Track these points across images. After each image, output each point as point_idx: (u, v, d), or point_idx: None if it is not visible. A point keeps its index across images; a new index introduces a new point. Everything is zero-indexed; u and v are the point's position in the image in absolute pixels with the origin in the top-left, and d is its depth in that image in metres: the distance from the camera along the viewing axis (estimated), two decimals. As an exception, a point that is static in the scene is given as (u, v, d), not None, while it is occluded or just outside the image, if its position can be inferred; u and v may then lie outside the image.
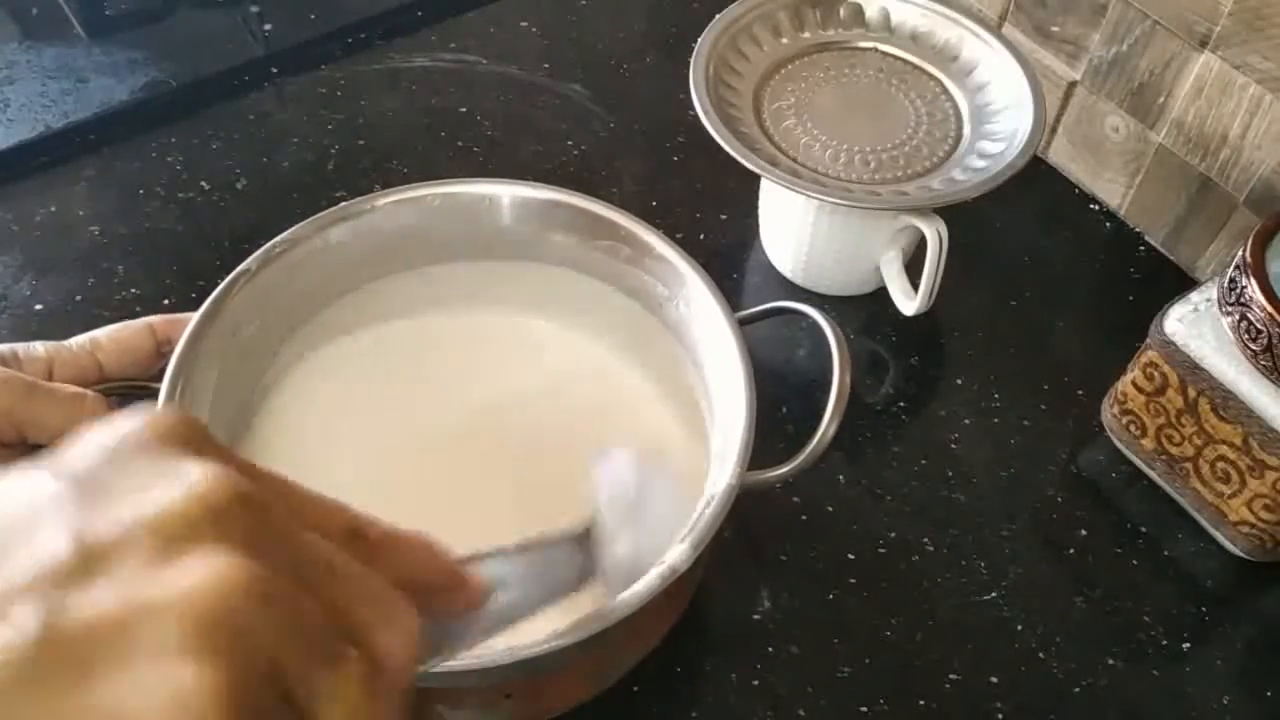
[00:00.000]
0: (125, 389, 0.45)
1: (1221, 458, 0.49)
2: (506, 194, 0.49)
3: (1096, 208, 0.66)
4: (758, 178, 0.55)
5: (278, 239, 0.48)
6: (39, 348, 0.43)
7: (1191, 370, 0.49)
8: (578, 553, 0.38)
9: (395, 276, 0.51)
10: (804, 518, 0.52)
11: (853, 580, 0.50)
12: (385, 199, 0.49)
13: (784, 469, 0.43)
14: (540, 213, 0.49)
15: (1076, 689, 0.48)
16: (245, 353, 0.47)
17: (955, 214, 0.53)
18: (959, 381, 0.58)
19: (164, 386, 0.43)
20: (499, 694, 0.40)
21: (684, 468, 0.49)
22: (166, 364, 0.43)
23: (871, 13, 0.60)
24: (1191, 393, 0.49)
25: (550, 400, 0.50)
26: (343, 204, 0.49)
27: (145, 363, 0.44)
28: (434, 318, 0.53)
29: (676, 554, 0.39)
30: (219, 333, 0.45)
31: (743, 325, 0.45)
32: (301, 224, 0.48)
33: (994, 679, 0.48)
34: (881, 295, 0.59)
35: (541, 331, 0.53)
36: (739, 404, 0.43)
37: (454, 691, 0.39)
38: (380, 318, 0.53)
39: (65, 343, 0.43)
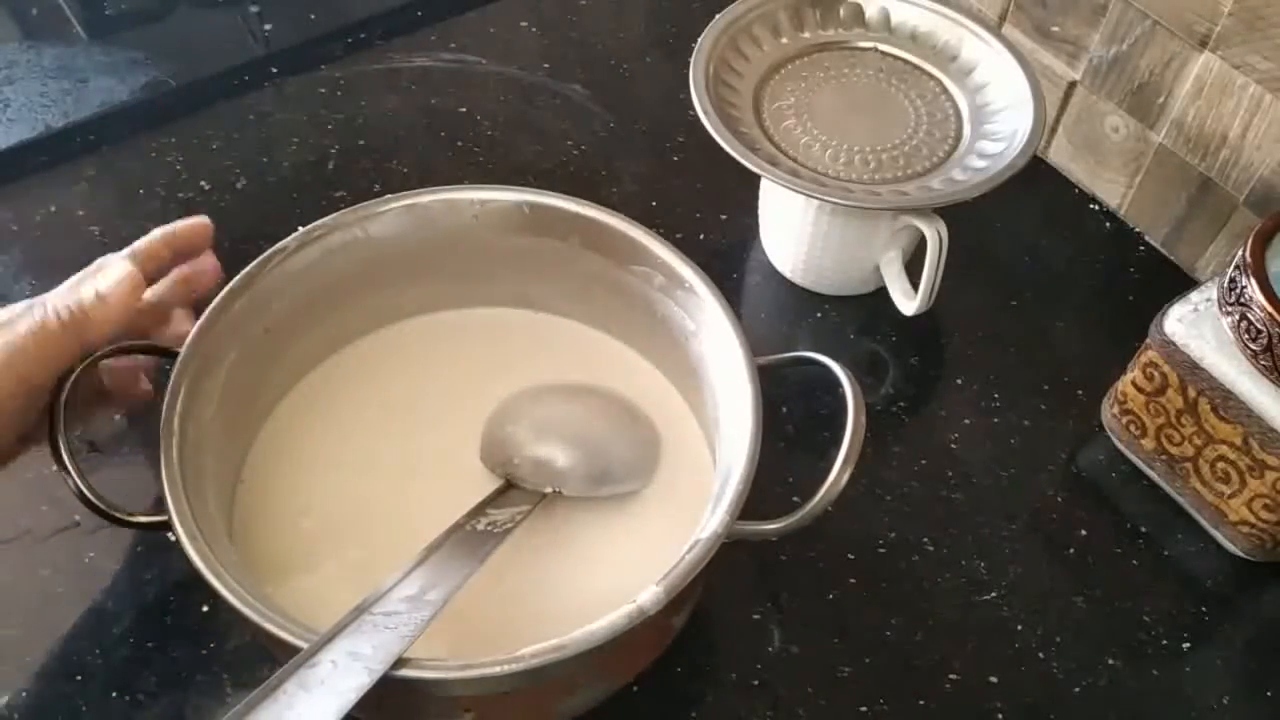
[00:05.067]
0: (146, 348, 0.46)
1: (1221, 458, 0.49)
2: (543, 204, 0.49)
3: (1096, 208, 0.66)
4: (758, 178, 0.55)
5: (317, 223, 0.48)
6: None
7: (1191, 370, 0.49)
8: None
9: (427, 275, 0.52)
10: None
11: (853, 580, 0.50)
12: (425, 196, 0.49)
13: (779, 524, 0.41)
14: (579, 228, 0.49)
15: (1076, 689, 0.48)
16: (270, 333, 0.47)
17: (955, 214, 0.53)
18: (959, 381, 0.58)
19: (184, 349, 0.44)
20: (458, 707, 0.40)
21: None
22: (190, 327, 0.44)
23: (871, 13, 0.60)
24: (1191, 393, 0.49)
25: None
26: (387, 195, 0.49)
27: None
28: (467, 313, 0.53)
29: (648, 596, 0.38)
30: (246, 307, 0.45)
31: (760, 369, 0.44)
32: (343, 211, 0.48)
33: (994, 679, 0.48)
34: (881, 295, 0.59)
35: (572, 330, 0.53)
36: (742, 453, 0.42)
37: (415, 699, 0.39)
38: (413, 312, 0.53)
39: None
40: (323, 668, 0.35)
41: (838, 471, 0.41)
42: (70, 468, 0.41)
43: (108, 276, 0.43)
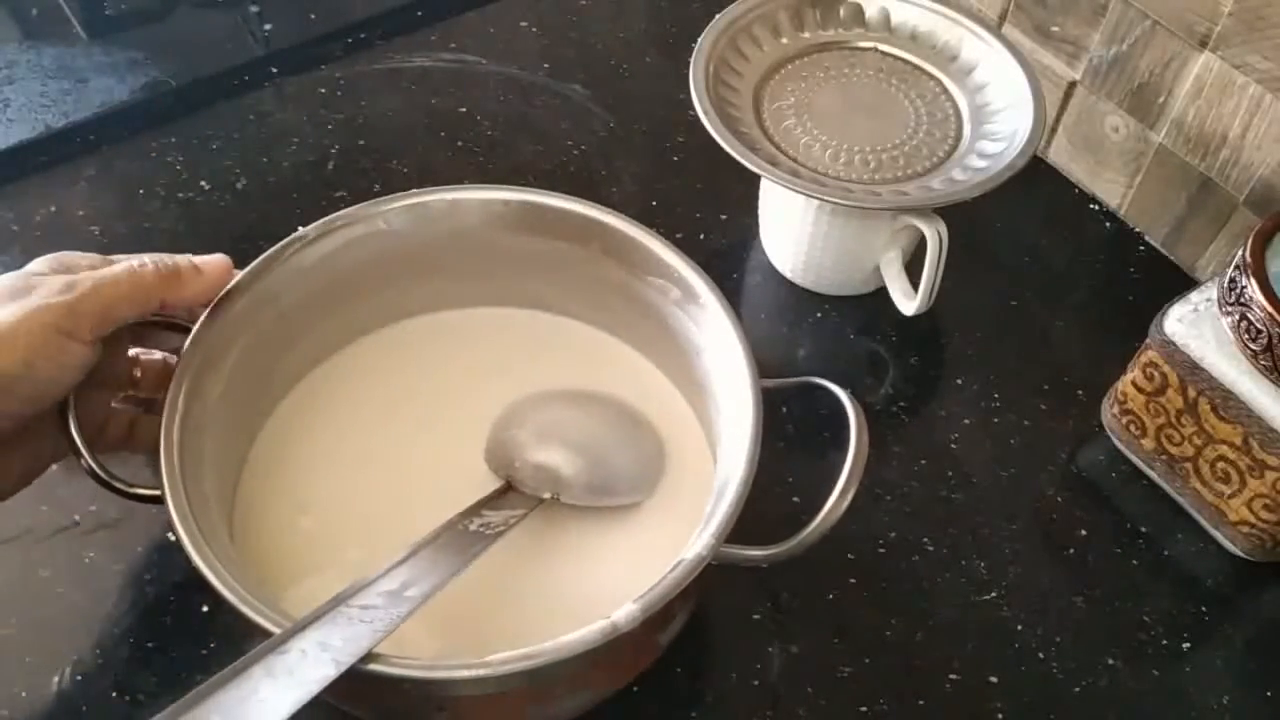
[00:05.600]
0: (158, 322, 0.45)
1: (1221, 458, 0.49)
2: (566, 210, 0.49)
3: (1096, 208, 0.66)
4: (758, 178, 0.55)
5: (338, 214, 0.48)
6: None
7: (1191, 370, 0.49)
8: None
9: (443, 273, 0.51)
10: (803, 518, 0.52)
11: (853, 580, 0.50)
12: (448, 194, 0.49)
13: (766, 551, 0.41)
14: (600, 236, 0.49)
15: (1076, 689, 0.48)
16: (281, 323, 0.47)
17: (955, 214, 0.53)
18: (959, 381, 0.58)
19: (196, 327, 0.44)
20: (433, 705, 0.40)
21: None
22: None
23: (871, 13, 0.60)
24: (1191, 393, 0.49)
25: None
26: (412, 190, 0.49)
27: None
28: (480, 311, 0.53)
29: (622, 613, 0.37)
30: (259, 295, 0.45)
31: (765, 393, 0.44)
32: (364, 204, 0.48)
33: (994, 679, 0.48)
34: (881, 295, 0.59)
35: (583, 333, 0.53)
36: (736, 474, 0.41)
37: (391, 694, 0.39)
38: (425, 309, 0.53)
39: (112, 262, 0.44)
40: (291, 656, 0.35)
41: (836, 498, 0.40)
42: (78, 440, 0.41)
43: (205, 256, 0.44)
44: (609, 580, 0.46)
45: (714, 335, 0.46)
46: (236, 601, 0.37)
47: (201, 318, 0.44)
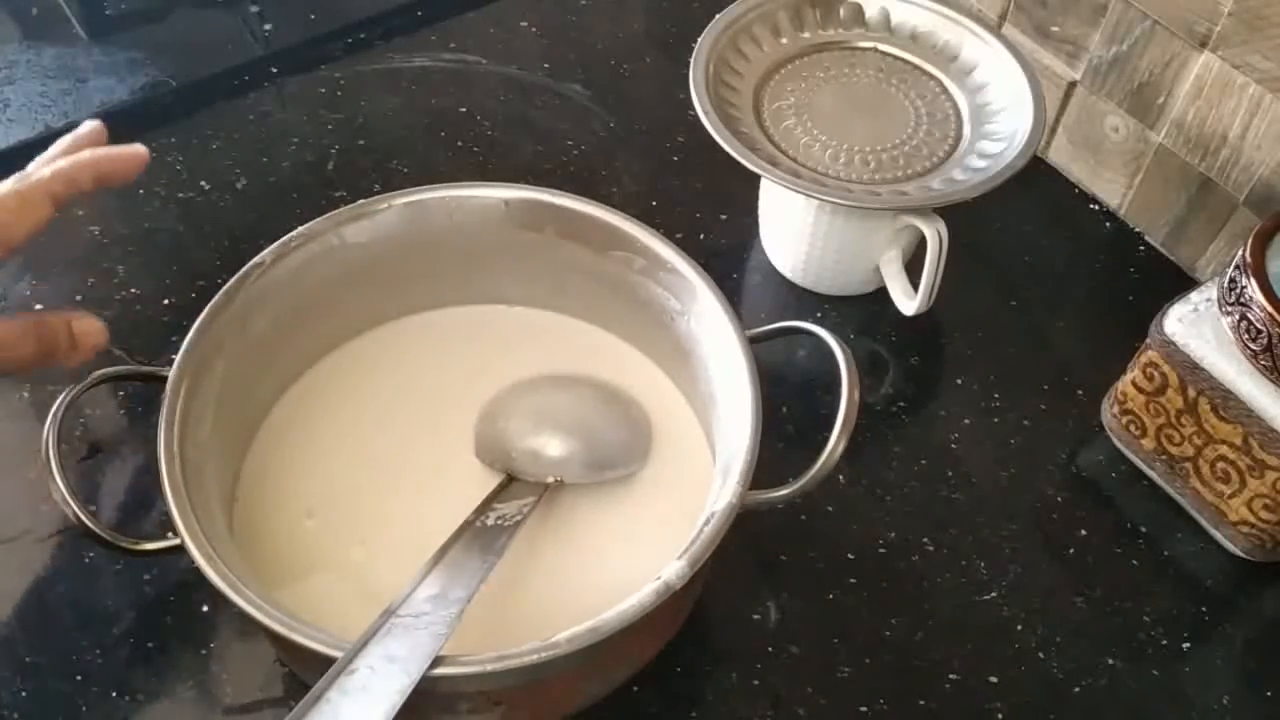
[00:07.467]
0: (132, 374, 0.45)
1: (1221, 458, 0.49)
2: (519, 199, 0.49)
3: (1096, 208, 0.66)
4: (758, 178, 0.55)
5: (293, 233, 0.48)
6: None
7: (1191, 370, 0.49)
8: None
9: (407, 277, 0.52)
10: (803, 517, 0.52)
11: (853, 580, 0.50)
12: (400, 199, 0.49)
13: (787, 490, 0.42)
14: (555, 219, 0.49)
15: (1076, 689, 0.48)
16: (255, 346, 0.47)
17: (955, 214, 0.53)
18: (959, 381, 0.58)
19: (171, 374, 0.43)
20: (489, 701, 0.40)
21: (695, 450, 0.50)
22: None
23: (871, 13, 0.60)
24: (1191, 393, 0.49)
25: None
26: (359, 202, 0.49)
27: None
28: (447, 312, 0.54)
29: (672, 570, 0.38)
30: (229, 324, 0.45)
31: (752, 343, 0.45)
32: (318, 220, 0.48)
33: (994, 679, 0.48)
34: (881, 295, 0.59)
35: (554, 322, 0.53)
36: (744, 424, 0.42)
37: (446, 696, 0.39)
38: (393, 315, 0.53)
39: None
40: (361, 674, 0.36)
41: (836, 437, 0.42)
42: (77, 510, 0.41)
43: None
44: (622, 554, 0.46)
45: (689, 296, 0.47)
46: (297, 635, 0.37)
47: (176, 362, 0.44)
